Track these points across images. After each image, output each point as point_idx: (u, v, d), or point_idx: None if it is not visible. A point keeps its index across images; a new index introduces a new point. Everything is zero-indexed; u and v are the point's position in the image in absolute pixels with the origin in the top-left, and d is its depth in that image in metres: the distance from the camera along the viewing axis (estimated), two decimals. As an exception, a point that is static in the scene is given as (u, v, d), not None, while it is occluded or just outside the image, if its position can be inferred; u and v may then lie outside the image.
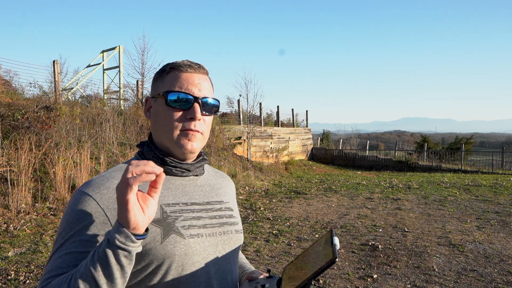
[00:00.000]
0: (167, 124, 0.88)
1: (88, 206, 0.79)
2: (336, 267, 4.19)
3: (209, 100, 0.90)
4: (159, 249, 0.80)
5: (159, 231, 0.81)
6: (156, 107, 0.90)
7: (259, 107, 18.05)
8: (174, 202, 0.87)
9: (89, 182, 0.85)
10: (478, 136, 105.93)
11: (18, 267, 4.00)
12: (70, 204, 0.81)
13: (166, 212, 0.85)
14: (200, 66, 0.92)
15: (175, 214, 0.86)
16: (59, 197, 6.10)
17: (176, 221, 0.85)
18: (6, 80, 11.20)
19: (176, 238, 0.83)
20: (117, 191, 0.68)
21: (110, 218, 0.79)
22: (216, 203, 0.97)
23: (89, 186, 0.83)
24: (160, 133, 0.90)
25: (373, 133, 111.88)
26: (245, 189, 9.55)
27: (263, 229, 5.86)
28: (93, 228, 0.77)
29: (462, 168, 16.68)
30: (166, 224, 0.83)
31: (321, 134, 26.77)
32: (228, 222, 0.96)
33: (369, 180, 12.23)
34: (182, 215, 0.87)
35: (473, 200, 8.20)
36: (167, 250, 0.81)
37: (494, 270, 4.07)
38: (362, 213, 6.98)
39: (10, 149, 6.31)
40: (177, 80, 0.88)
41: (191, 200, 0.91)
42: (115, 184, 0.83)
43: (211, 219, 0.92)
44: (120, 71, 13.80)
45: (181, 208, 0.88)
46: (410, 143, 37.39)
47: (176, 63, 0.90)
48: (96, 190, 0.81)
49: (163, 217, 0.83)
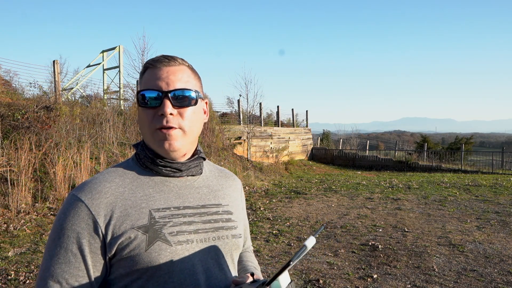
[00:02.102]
0: (143, 125, 0.87)
1: (80, 212, 0.79)
2: (336, 267, 4.19)
3: (182, 92, 0.85)
4: (143, 256, 0.78)
5: (144, 238, 0.79)
6: (138, 109, 0.90)
7: (259, 107, 18.05)
8: (165, 207, 0.85)
9: (83, 185, 0.84)
10: (478, 136, 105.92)
11: (18, 267, 4.00)
12: (63, 207, 0.82)
13: (155, 217, 0.82)
14: (172, 59, 0.88)
15: (163, 220, 0.83)
16: (59, 197, 6.10)
17: (164, 228, 0.82)
18: (6, 80, 11.19)
19: (161, 246, 0.80)
20: None
21: (100, 224, 0.79)
22: (213, 206, 0.93)
23: (82, 190, 0.83)
24: (143, 134, 0.89)
25: (373, 133, 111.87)
26: (245, 189, 9.55)
27: (263, 229, 5.86)
28: (82, 237, 0.78)
29: (462, 168, 16.68)
30: (153, 230, 0.81)
31: (321, 134, 26.77)
32: (224, 227, 0.91)
33: (369, 180, 12.23)
34: (172, 220, 0.84)
35: (473, 200, 8.20)
36: (151, 258, 0.79)
37: (494, 270, 4.07)
38: (362, 213, 6.98)
39: (10, 149, 6.31)
40: (147, 79, 0.87)
41: (184, 204, 0.88)
42: (107, 188, 0.83)
43: (204, 224, 0.88)
44: (120, 71, 13.80)
45: (171, 213, 0.85)
46: (410, 143, 37.39)
47: (150, 60, 0.89)
48: (88, 195, 0.81)
49: (150, 223, 0.81)
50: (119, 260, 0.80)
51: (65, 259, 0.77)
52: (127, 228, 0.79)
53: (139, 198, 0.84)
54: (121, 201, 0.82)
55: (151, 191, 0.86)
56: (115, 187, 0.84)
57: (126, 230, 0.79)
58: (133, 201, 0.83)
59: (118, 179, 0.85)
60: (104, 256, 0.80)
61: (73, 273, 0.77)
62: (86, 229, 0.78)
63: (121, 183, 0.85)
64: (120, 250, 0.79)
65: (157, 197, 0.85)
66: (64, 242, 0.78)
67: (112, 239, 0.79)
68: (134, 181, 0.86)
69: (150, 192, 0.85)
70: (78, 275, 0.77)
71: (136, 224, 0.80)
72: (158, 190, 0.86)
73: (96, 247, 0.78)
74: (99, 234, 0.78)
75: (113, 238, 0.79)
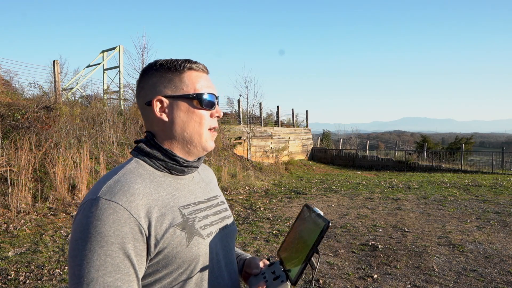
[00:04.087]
0: (195, 124, 0.90)
1: (120, 216, 0.75)
2: (336, 267, 4.19)
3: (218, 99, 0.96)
4: (185, 252, 0.82)
5: (184, 235, 0.83)
6: (179, 107, 0.88)
7: (259, 107, 18.05)
8: (186, 204, 0.89)
9: (110, 189, 0.78)
10: (478, 136, 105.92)
11: (18, 267, 4.00)
12: (96, 214, 0.74)
13: (185, 214, 0.86)
14: (206, 68, 0.96)
15: (192, 216, 0.88)
16: (59, 197, 6.10)
17: (194, 223, 0.87)
18: (6, 80, 11.19)
19: (198, 240, 0.86)
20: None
21: (144, 226, 0.77)
22: (213, 198, 1.00)
23: (113, 193, 0.77)
24: (183, 134, 0.89)
25: (373, 133, 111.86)
26: (245, 189, 9.55)
27: (263, 229, 5.86)
28: (127, 242, 0.75)
29: (462, 168, 16.68)
30: (188, 227, 0.85)
31: (321, 134, 26.77)
32: (226, 216, 1.00)
33: (369, 180, 12.23)
34: (197, 215, 0.89)
35: (473, 200, 8.20)
36: (193, 253, 0.84)
37: (494, 270, 4.07)
38: (362, 213, 6.98)
39: (10, 149, 6.31)
40: (199, 81, 0.91)
41: (197, 199, 0.93)
42: (137, 189, 0.80)
43: (214, 216, 0.95)
44: (120, 71, 13.80)
45: (194, 208, 0.90)
46: (410, 143, 37.40)
47: (191, 61, 0.91)
48: (123, 198, 0.77)
49: (184, 220, 0.85)
50: (157, 259, 0.81)
51: (114, 268, 0.73)
52: (167, 227, 0.81)
53: (165, 197, 0.85)
54: (153, 202, 0.81)
55: (171, 189, 0.88)
56: (142, 188, 0.81)
57: (168, 229, 0.81)
58: (162, 200, 0.83)
59: (140, 180, 0.83)
60: (146, 258, 0.80)
61: (125, 279, 0.75)
62: (130, 233, 0.75)
63: (144, 184, 0.83)
64: (163, 249, 0.80)
65: (177, 195, 0.88)
66: (110, 250, 0.73)
67: (156, 240, 0.79)
68: (153, 181, 0.85)
69: (170, 191, 0.87)
70: (130, 280, 0.76)
71: (174, 222, 0.83)
72: (175, 188, 0.89)
73: (142, 250, 0.78)
74: (143, 236, 0.77)
75: (157, 239, 0.79)
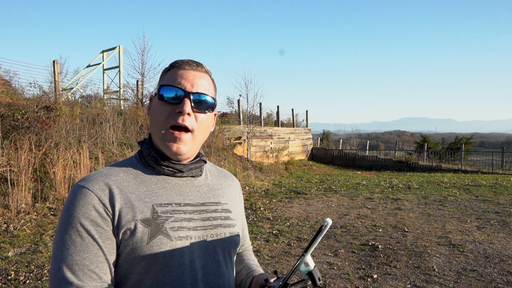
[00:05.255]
0: (157, 120, 0.88)
1: (90, 200, 0.80)
2: (336, 267, 4.19)
3: (202, 96, 0.89)
4: (144, 249, 0.80)
5: (147, 231, 0.81)
6: (154, 103, 0.92)
7: (259, 107, 18.06)
8: (167, 202, 0.87)
9: (87, 177, 0.85)
10: (478, 136, 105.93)
11: (18, 267, 4.00)
12: (69, 198, 0.81)
13: (157, 212, 0.84)
14: (200, 65, 0.93)
15: (165, 215, 0.85)
16: (59, 197, 6.10)
17: (165, 222, 0.84)
18: (6, 80, 11.19)
19: (162, 240, 0.82)
20: None
21: (109, 210, 0.80)
22: (212, 204, 0.95)
23: (87, 181, 0.83)
24: (153, 130, 0.90)
25: (373, 133, 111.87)
26: (245, 189, 9.55)
27: (263, 229, 5.86)
28: (95, 223, 0.79)
29: (462, 168, 16.68)
30: (155, 224, 0.83)
31: (321, 134, 26.77)
32: (223, 224, 0.93)
33: (369, 180, 12.23)
34: (173, 216, 0.86)
35: (473, 200, 8.20)
36: (152, 251, 0.80)
37: (494, 270, 4.07)
38: (362, 213, 6.98)
39: (10, 149, 6.31)
40: (172, 76, 0.89)
41: (185, 201, 0.90)
42: (113, 180, 0.84)
43: (203, 221, 0.90)
44: (120, 71, 13.80)
45: (173, 208, 0.87)
46: (410, 143, 37.40)
47: (179, 60, 0.92)
48: (95, 185, 0.82)
49: (153, 217, 0.83)
50: (122, 249, 0.82)
51: (82, 247, 0.77)
52: (131, 219, 0.81)
53: (142, 192, 0.86)
54: (126, 194, 0.84)
55: (154, 187, 0.88)
56: (119, 180, 0.85)
57: (130, 221, 0.81)
58: (137, 194, 0.85)
59: (123, 174, 0.87)
60: (117, 245, 0.81)
61: (93, 259, 0.77)
62: (98, 216, 0.79)
63: (125, 178, 0.87)
64: (124, 240, 0.81)
65: (159, 193, 0.87)
66: (79, 230, 0.77)
67: (118, 227, 0.80)
68: (137, 177, 0.88)
69: (153, 188, 0.87)
70: (98, 261, 0.78)
71: (139, 216, 0.82)
72: (160, 187, 0.88)
73: (108, 232, 0.80)
74: (110, 218, 0.80)
75: (119, 227, 0.80)
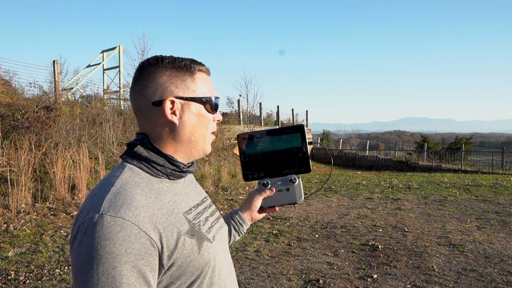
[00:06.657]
0: (206, 129, 0.88)
1: (129, 233, 0.69)
2: (336, 267, 4.19)
3: None
4: (198, 259, 0.80)
5: (195, 242, 0.80)
6: (191, 110, 0.84)
7: (259, 107, 18.07)
8: (188, 208, 0.85)
9: (112, 203, 0.72)
10: (478, 136, 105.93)
11: (18, 267, 4.00)
12: (103, 233, 0.68)
13: (190, 220, 0.82)
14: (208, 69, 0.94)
15: (196, 221, 0.84)
16: (59, 197, 6.10)
17: (200, 228, 0.84)
18: (6, 80, 11.20)
19: (207, 245, 0.83)
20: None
21: (155, 240, 0.72)
22: (205, 199, 0.98)
23: (116, 208, 0.71)
24: (191, 136, 0.85)
25: (373, 133, 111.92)
26: (245, 189, 9.55)
27: (263, 229, 5.86)
28: (140, 259, 0.70)
29: (462, 168, 16.68)
30: (196, 233, 0.82)
31: (321, 134, 26.79)
32: (218, 216, 0.99)
33: (369, 180, 12.23)
34: (199, 219, 0.86)
35: (473, 200, 8.20)
36: (204, 258, 0.81)
37: (494, 270, 4.07)
38: (362, 213, 6.98)
39: (10, 149, 6.31)
40: (207, 84, 0.88)
41: (195, 202, 0.90)
42: (139, 201, 0.74)
43: (211, 216, 0.93)
44: (120, 71, 13.82)
45: (195, 212, 0.86)
46: (410, 143, 37.43)
47: (201, 64, 0.88)
48: (129, 212, 0.71)
49: (191, 227, 0.81)
50: (171, 271, 0.77)
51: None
52: (178, 237, 0.77)
53: (167, 204, 0.79)
54: (158, 211, 0.76)
55: (170, 195, 0.83)
56: (144, 198, 0.75)
57: (178, 238, 0.77)
58: (166, 208, 0.78)
59: (139, 190, 0.77)
60: (160, 271, 0.75)
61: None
62: (143, 249, 0.70)
63: (144, 193, 0.76)
64: (177, 260, 0.76)
65: (178, 201, 0.84)
66: (124, 270, 0.68)
67: (170, 251, 0.75)
68: (151, 189, 0.79)
69: (171, 197, 0.82)
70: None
71: (182, 230, 0.78)
72: (174, 194, 0.84)
73: (155, 264, 0.73)
74: (156, 250, 0.73)
75: (170, 250, 0.75)
